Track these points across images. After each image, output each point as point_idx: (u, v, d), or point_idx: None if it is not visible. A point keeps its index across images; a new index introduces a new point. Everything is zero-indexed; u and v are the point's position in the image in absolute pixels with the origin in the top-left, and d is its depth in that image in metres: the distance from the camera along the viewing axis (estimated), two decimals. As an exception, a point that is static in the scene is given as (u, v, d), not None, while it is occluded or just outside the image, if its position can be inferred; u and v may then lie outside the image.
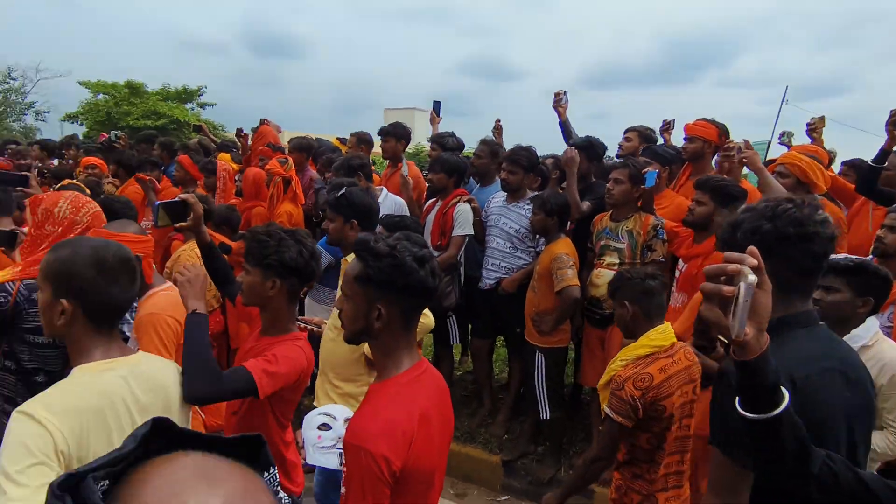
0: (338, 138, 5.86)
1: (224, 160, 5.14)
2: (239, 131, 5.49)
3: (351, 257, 2.42)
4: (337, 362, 2.52)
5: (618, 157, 4.61)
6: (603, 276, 3.35)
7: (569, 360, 4.01)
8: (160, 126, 18.93)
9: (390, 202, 3.84)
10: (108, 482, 0.52)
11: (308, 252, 1.90)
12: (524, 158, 3.75)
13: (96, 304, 1.46)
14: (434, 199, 3.98)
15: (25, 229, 2.92)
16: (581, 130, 4.27)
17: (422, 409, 1.44)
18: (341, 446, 1.48)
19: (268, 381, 1.81)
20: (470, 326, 4.33)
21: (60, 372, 2.36)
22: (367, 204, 2.65)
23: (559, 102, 4.29)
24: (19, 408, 1.32)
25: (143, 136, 6.30)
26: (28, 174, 3.33)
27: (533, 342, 3.58)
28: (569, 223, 3.61)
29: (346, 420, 1.59)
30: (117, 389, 1.44)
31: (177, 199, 2.30)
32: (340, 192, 2.62)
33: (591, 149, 3.89)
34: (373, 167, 4.59)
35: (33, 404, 1.32)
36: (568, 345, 3.73)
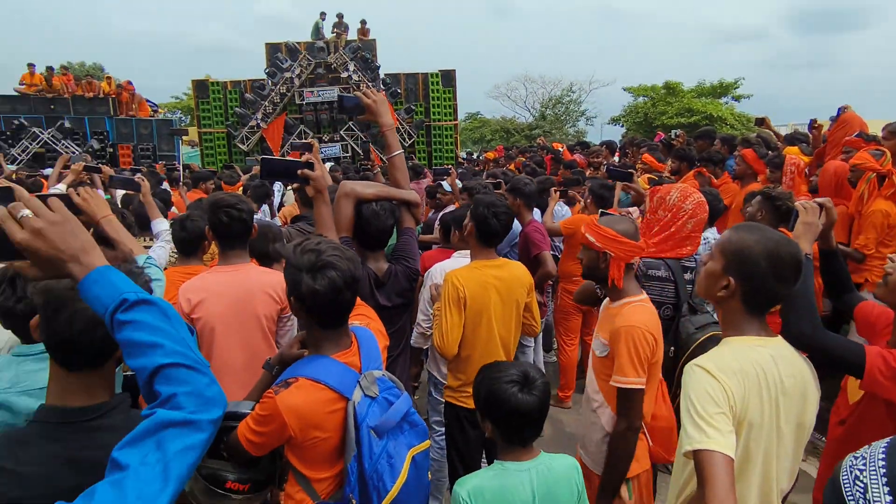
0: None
1: (791, 153, 4.77)
2: (812, 122, 4.99)
3: None
4: None
5: None
6: None
7: None
8: (692, 123, 19.45)
9: None
10: None
11: None
12: None
13: (756, 291, 1.52)
14: None
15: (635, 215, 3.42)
16: None
17: None
18: None
19: (886, 370, 1.56)
20: None
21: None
22: None
23: None
24: (695, 361, 1.50)
25: (701, 133, 6.52)
26: (633, 171, 3.99)
27: None
28: None
29: None
30: (767, 365, 1.49)
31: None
32: None
33: None
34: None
35: (706, 361, 1.48)
36: None
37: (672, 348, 2.45)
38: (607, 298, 2.25)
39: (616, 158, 8.43)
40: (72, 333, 1.15)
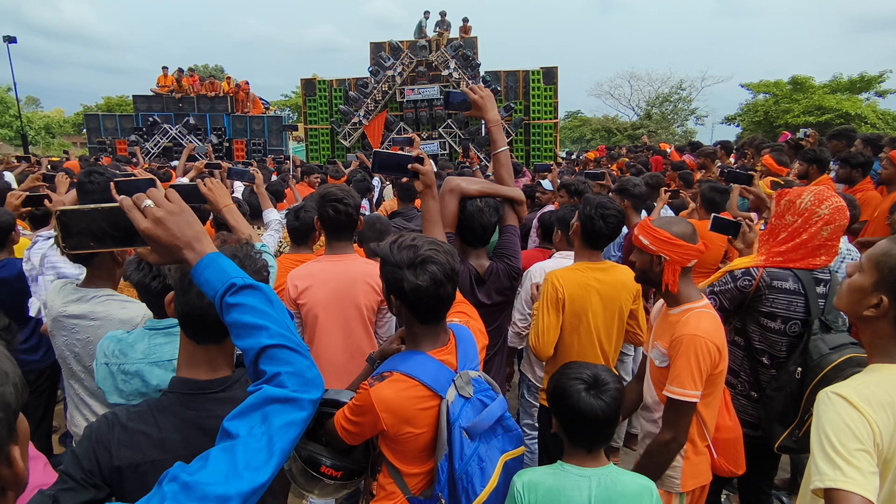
0: None
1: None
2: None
3: None
4: None
5: None
6: None
7: None
8: (823, 122, 17.65)
9: None
10: None
11: None
12: None
13: None
14: None
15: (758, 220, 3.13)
16: None
17: None
18: None
19: None
20: None
21: (784, 360, 2.42)
22: None
23: None
24: (832, 388, 1.32)
25: (837, 132, 5.87)
26: (752, 173, 3.68)
27: None
28: None
29: None
30: None
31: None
32: None
33: None
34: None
35: (847, 389, 1.31)
36: None
37: (799, 369, 2.21)
38: (663, 304, 2.09)
39: (731, 160, 7.85)
40: (201, 306, 1.23)
